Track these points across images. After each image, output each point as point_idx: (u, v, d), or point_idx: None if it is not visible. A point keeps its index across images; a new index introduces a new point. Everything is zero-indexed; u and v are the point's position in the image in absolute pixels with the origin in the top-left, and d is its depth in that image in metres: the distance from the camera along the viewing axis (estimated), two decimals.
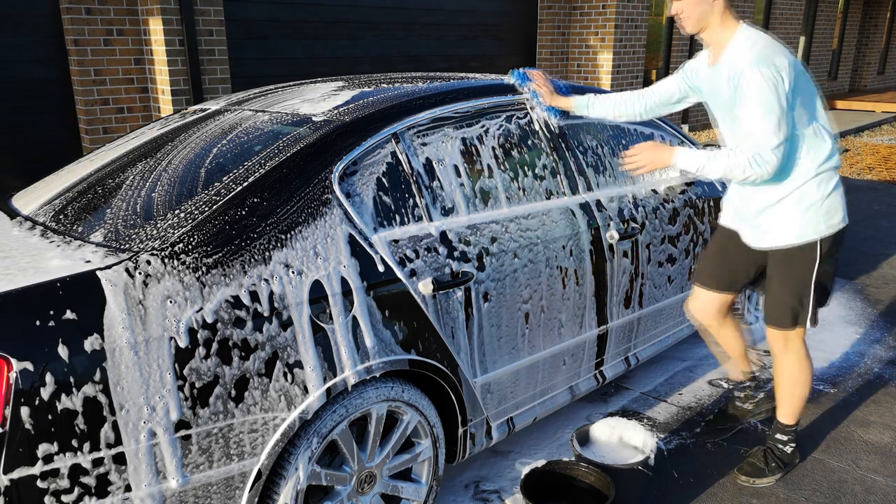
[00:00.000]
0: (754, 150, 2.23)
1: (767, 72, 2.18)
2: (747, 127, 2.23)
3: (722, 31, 2.37)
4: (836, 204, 2.42)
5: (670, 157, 2.40)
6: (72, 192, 2.32)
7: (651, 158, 2.45)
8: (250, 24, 6.22)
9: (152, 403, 1.69)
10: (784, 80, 2.20)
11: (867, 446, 2.92)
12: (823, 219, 2.41)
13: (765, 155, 2.22)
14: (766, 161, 2.22)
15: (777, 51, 2.25)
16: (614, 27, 8.75)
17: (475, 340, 2.38)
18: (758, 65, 2.19)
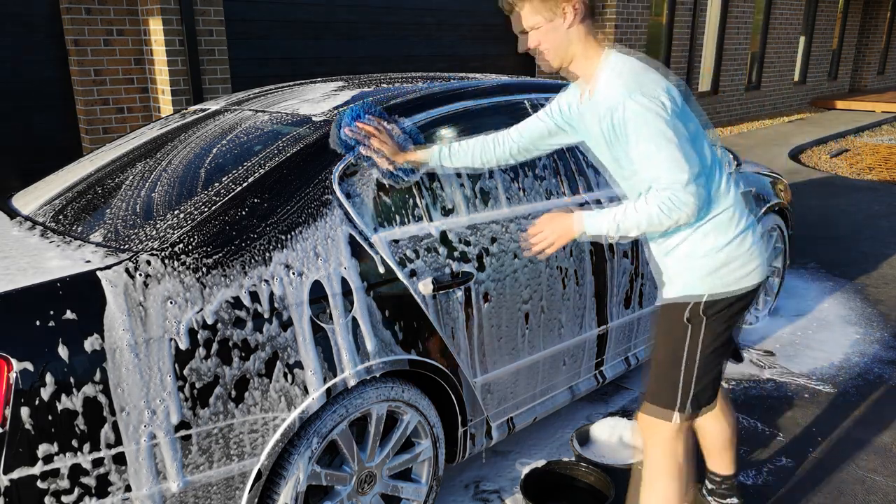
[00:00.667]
0: (664, 195, 1.77)
1: (643, 100, 1.78)
2: (646, 169, 1.79)
3: (587, 61, 1.93)
4: (736, 256, 1.92)
5: (573, 227, 1.91)
6: (72, 193, 2.32)
7: (554, 233, 1.95)
8: (250, 24, 6.22)
9: (152, 404, 1.69)
10: (666, 106, 1.79)
11: (867, 446, 2.92)
12: (714, 274, 1.93)
13: (679, 196, 1.76)
14: (682, 202, 1.76)
15: (646, 76, 1.84)
16: (614, 27, 8.75)
17: (475, 340, 2.38)
18: (630, 95, 1.78)
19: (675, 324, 1.99)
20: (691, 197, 1.77)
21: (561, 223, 1.94)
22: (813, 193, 7.44)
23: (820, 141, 10.94)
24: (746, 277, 1.95)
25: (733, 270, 1.93)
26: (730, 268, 1.93)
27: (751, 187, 3.76)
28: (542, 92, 2.86)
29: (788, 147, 10.02)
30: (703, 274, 1.94)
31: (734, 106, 12.61)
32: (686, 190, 1.76)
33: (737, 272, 1.94)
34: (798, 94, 14.82)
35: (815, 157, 9.74)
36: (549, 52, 1.91)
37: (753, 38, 12.76)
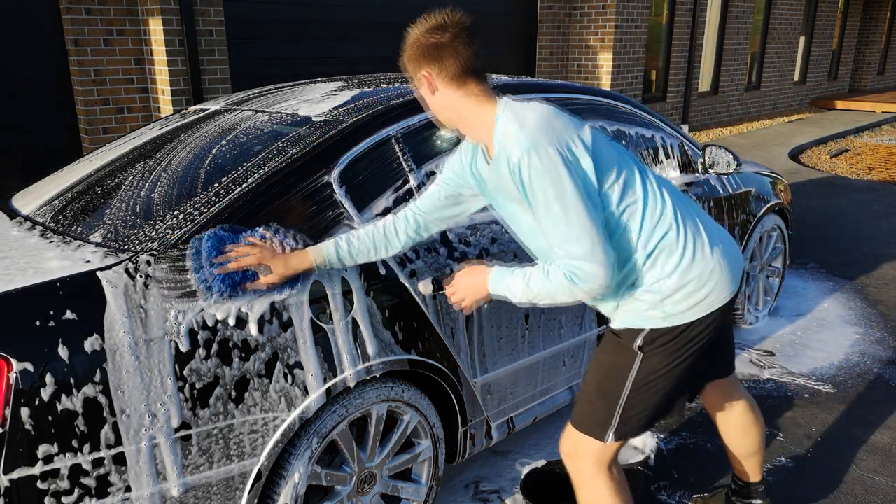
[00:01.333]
0: (568, 266, 1.60)
1: (548, 154, 1.56)
2: (550, 234, 1.60)
3: (476, 121, 1.73)
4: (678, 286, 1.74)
5: (485, 285, 1.77)
6: (72, 193, 2.32)
7: (468, 290, 1.82)
8: (250, 24, 6.22)
9: (152, 404, 1.69)
10: (576, 158, 1.61)
11: (867, 446, 2.92)
12: (657, 306, 1.76)
13: (584, 268, 1.58)
14: (588, 275, 1.59)
15: (557, 121, 1.65)
16: (614, 27, 8.75)
17: (475, 341, 2.38)
18: (534, 149, 1.56)
19: (610, 350, 1.85)
20: (599, 267, 1.58)
21: (474, 280, 1.80)
22: (813, 193, 7.44)
23: (820, 141, 10.94)
24: (695, 308, 1.76)
25: (678, 301, 1.75)
26: (674, 300, 1.75)
27: (750, 187, 3.76)
28: (542, 92, 2.86)
29: (788, 147, 10.02)
30: (644, 307, 1.77)
31: (734, 106, 12.61)
32: (592, 260, 1.58)
33: (683, 303, 1.75)
34: (798, 95, 14.82)
35: (815, 157, 9.75)
36: (440, 120, 1.79)
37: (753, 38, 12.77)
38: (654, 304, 1.76)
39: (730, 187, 3.59)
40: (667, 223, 1.74)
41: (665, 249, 1.74)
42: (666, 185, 1.83)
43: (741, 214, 3.64)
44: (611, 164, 1.69)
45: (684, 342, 1.80)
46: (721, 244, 1.83)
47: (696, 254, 1.76)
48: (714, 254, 1.79)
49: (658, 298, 1.75)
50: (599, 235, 1.59)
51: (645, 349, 1.80)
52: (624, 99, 3.24)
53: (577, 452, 1.89)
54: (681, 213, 1.78)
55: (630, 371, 1.81)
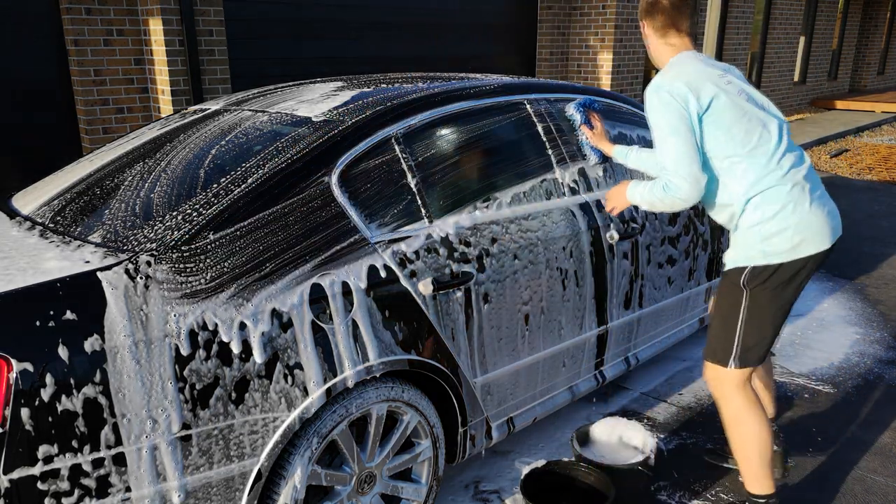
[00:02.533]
0: (665, 178, 2.11)
1: (660, 97, 2.09)
2: (658, 153, 2.13)
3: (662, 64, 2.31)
4: (779, 230, 2.11)
5: (625, 194, 2.33)
6: (71, 193, 2.32)
7: (615, 199, 2.42)
8: (250, 24, 6.21)
9: (152, 404, 1.69)
10: (683, 105, 2.07)
11: (867, 446, 2.92)
12: (758, 244, 2.14)
13: (674, 181, 2.07)
14: (676, 187, 2.07)
15: (680, 76, 2.11)
16: (614, 27, 8.75)
17: (475, 341, 2.38)
18: (656, 90, 2.11)
19: (725, 289, 2.26)
20: (685, 184, 2.06)
21: (618, 191, 2.40)
22: None
23: (820, 141, 10.94)
24: (795, 249, 2.12)
25: (779, 243, 2.12)
26: (773, 242, 2.12)
27: None
28: (542, 92, 2.86)
29: None
30: (749, 244, 2.15)
31: None
32: (683, 177, 2.06)
33: (783, 244, 2.11)
34: (798, 94, 14.82)
35: (814, 157, 9.74)
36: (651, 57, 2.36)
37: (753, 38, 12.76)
38: (753, 245, 2.14)
39: None
40: (777, 176, 2.11)
41: (771, 196, 2.11)
42: (790, 147, 2.17)
43: None
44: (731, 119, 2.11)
45: (783, 279, 2.16)
46: (824, 206, 2.16)
47: (797, 206, 2.10)
48: (813, 209, 2.13)
49: (759, 238, 2.13)
50: (689, 158, 2.05)
51: (750, 284, 2.18)
52: (624, 99, 3.24)
53: (716, 378, 2.31)
54: (792, 171, 2.13)
55: (742, 304, 2.21)
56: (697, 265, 3.37)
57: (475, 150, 2.52)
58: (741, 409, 2.28)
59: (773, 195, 2.11)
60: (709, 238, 3.41)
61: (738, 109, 2.13)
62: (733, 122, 2.11)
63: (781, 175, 2.12)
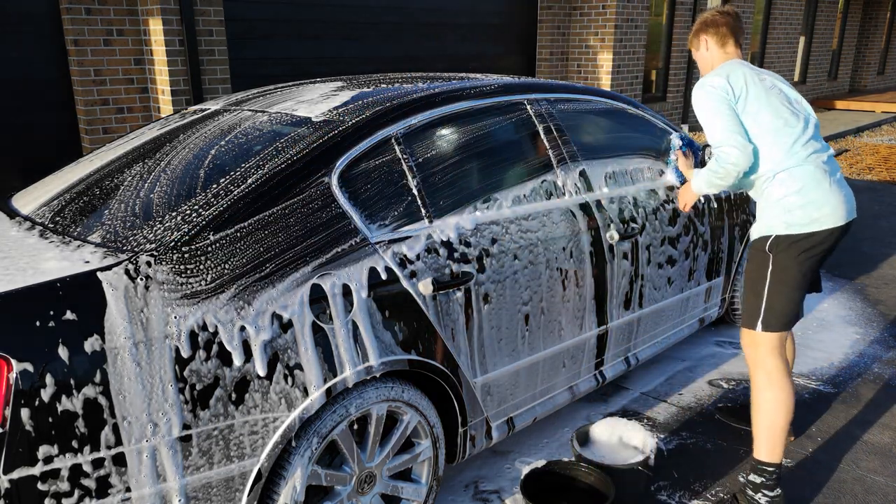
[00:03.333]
0: (715, 153, 2.43)
1: (704, 89, 2.48)
2: (709, 138, 2.45)
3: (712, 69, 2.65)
4: (800, 204, 2.38)
5: (691, 188, 2.74)
6: (71, 193, 2.32)
7: (684, 196, 2.83)
8: (250, 24, 6.22)
9: (152, 404, 1.69)
10: (723, 93, 2.45)
11: (867, 446, 2.92)
12: (781, 216, 2.41)
13: (723, 151, 2.39)
14: (726, 156, 2.39)
15: (722, 73, 2.51)
16: (614, 27, 8.75)
17: (475, 341, 2.38)
18: (700, 86, 2.50)
19: (753, 257, 2.51)
20: (734, 151, 2.36)
21: (684, 189, 2.82)
22: None
23: None
24: (814, 222, 2.38)
25: (800, 216, 2.38)
26: (795, 214, 2.38)
27: None
28: (542, 92, 2.86)
29: None
30: (774, 215, 2.43)
31: None
32: (729, 147, 2.37)
33: (803, 217, 2.38)
34: None
35: None
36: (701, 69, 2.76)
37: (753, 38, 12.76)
38: (777, 216, 2.42)
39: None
40: (800, 157, 2.41)
41: (795, 174, 2.40)
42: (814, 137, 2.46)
43: (741, 214, 3.64)
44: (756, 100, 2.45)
45: (803, 248, 2.41)
46: (841, 189, 2.43)
47: (818, 185, 2.39)
48: (832, 190, 2.40)
49: (784, 209, 2.41)
50: (736, 132, 2.38)
51: (773, 251, 2.44)
52: (624, 99, 3.24)
53: (750, 342, 2.52)
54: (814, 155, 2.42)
55: (767, 269, 2.46)
56: (697, 265, 3.37)
57: (475, 151, 2.52)
58: (771, 374, 2.45)
59: (797, 173, 2.40)
60: (709, 238, 3.41)
61: (765, 101, 2.46)
62: (759, 110, 2.44)
63: (804, 157, 2.41)
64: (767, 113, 2.45)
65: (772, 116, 2.44)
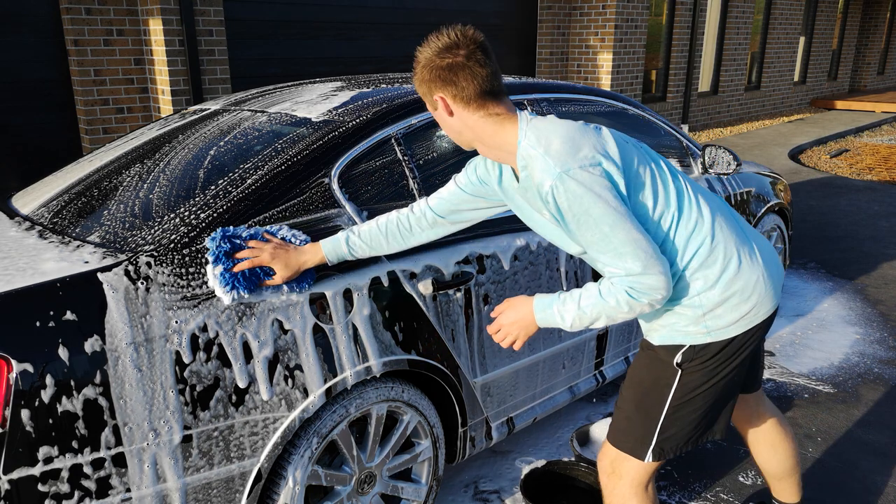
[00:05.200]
0: (627, 283, 1.56)
1: (583, 175, 1.52)
2: (601, 257, 1.57)
3: (501, 141, 1.65)
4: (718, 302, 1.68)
5: (532, 318, 1.71)
6: (71, 193, 2.32)
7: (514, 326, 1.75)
8: (250, 24, 6.22)
9: (152, 405, 1.69)
10: (609, 175, 1.55)
11: (867, 446, 2.92)
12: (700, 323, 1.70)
13: (644, 281, 1.54)
14: (650, 287, 1.54)
15: (581, 138, 1.58)
16: (614, 27, 8.75)
17: (475, 342, 2.38)
18: (566, 175, 1.51)
19: (647, 366, 1.79)
20: (656, 278, 1.54)
21: (518, 315, 1.72)
22: (813, 193, 7.44)
23: (820, 141, 10.94)
24: (738, 323, 1.70)
25: (721, 316, 1.69)
26: (716, 313, 1.69)
27: (750, 187, 3.76)
28: (542, 92, 2.86)
29: (788, 147, 10.02)
30: (686, 323, 1.70)
31: (734, 106, 12.61)
32: (649, 272, 1.53)
33: (726, 317, 1.69)
34: (798, 94, 14.82)
35: (814, 158, 9.75)
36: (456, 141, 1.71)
37: (753, 38, 12.76)
38: (696, 319, 1.69)
39: (729, 187, 3.59)
40: (704, 231, 1.66)
41: (706, 260, 1.66)
42: (701, 190, 1.74)
43: (741, 215, 3.64)
44: (640, 174, 1.62)
45: (725, 358, 1.73)
46: (763, 254, 1.75)
47: (740, 264, 1.68)
48: (756, 265, 1.71)
49: (700, 313, 1.68)
50: (650, 246, 1.54)
51: (684, 366, 1.73)
52: (624, 99, 3.24)
53: (615, 471, 1.84)
54: (720, 221, 1.69)
55: (669, 389, 1.75)
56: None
57: (475, 151, 2.52)
58: None
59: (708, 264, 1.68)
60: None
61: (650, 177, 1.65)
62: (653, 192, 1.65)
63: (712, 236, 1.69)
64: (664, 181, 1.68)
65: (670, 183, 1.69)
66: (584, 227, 1.54)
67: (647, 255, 1.53)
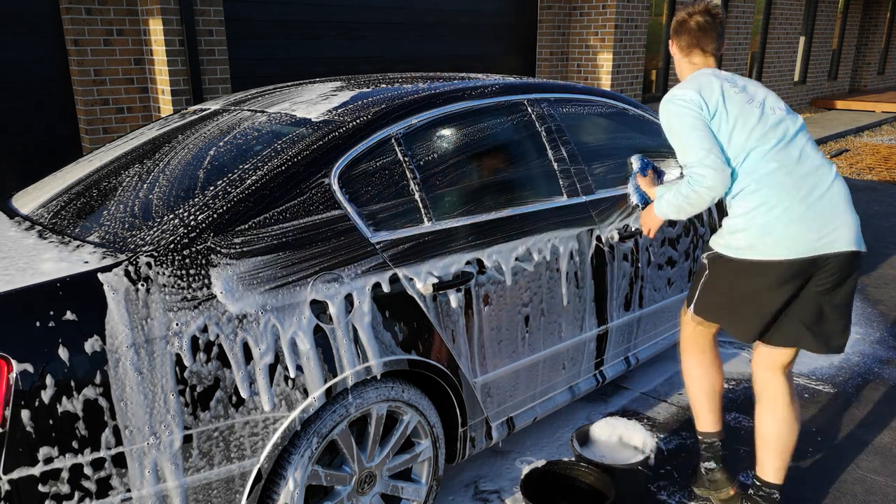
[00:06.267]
0: (688, 174, 2.19)
1: (677, 103, 2.24)
2: (681, 157, 2.24)
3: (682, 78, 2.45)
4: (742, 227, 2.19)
5: (654, 213, 2.46)
6: (71, 193, 2.32)
7: (647, 221, 2.59)
8: (250, 24, 6.21)
9: (153, 405, 1.69)
10: (696, 108, 2.21)
11: (867, 446, 2.92)
12: (725, 235, 2.26)
13: (697, 171, 2.14)
14: (701, 176, 2.14)
15: (693, 86, 2.26)
16: (614, 27, 8.74)
17: (475, 342, 2.38)
18: (668, 100, 2.27)
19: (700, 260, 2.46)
20: (708, 169, 2.13)
21: (648, 213, 2.57)
22: None
23: (820, 141, 10.93)
24: (748, 251, 2.20)
25: (738, 239, 2.22)
26: (734, 237, 2.23)
27: None
28: (542, 92, 2.86)
29: None
30: (720, 233, 2.31)
31: None
32: (703, 164, 2.14)
33: (740, 242, 2.21)
34: (798, 94, 14.82)
35: None
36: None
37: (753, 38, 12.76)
38: (723, 234, 2.29)
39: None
40: (757, 176, 2.18)
41: (746, 196, 2.19)
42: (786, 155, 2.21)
43: None
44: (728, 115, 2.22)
45: (736, 273, 2.26)
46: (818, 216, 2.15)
47: (770, 211, 2.15)
48: (782, 219, 2.14)
49: (727, 231, 2.26)
50: (710, 149, 2.15)
51: (710, 265, 2.36)
52: (624, 99, 3.24)
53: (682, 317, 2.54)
54: (779, 177, 2.18)
55: (703, 275, 2.41)
56: (697, 266, 3.36)
57: (475, 151, 2.52)
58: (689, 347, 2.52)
59: (752, 197, 2.18)
60: (708, 239, 3.40)
61: (740, 119, 2.22)
62: (733, 129, 2.21)
63: (768, 177, 2.17)
64: (741, 130, 2.21)
65: (745, 136, 2.21)
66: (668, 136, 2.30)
67: (700, 154, 2.15)
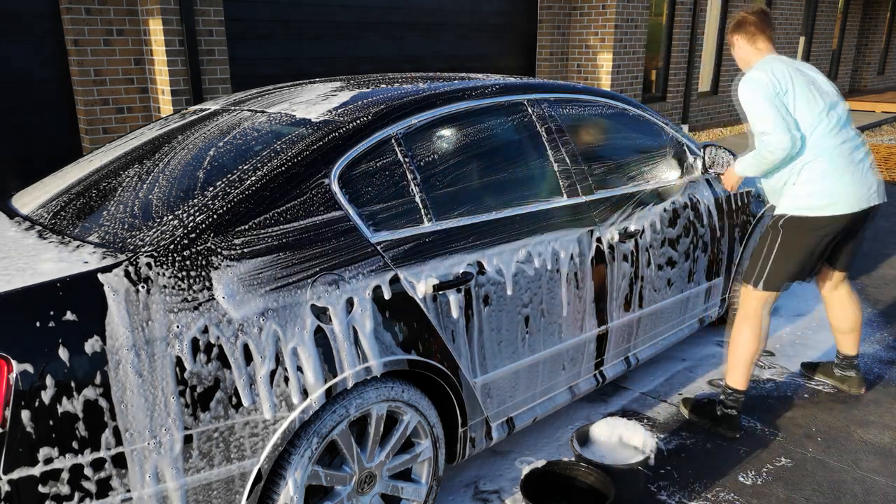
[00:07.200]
0: (765, 140, 2.73)
1: (754, 83, 2.76)
2: (757, 128, 2.75)
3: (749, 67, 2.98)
4: (817, 192, 2.77)
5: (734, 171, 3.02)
6: (71, 193, 2.32)
7: (728, 179, 3.13)
8: (250, 24, 6.21)
9: (153, 406, 1.69)
10: (771, 86, 2.74)
11: (867, 446, 2.92)
12: (797, 200, 2.82)
13: (768, 139, 2.70)
14: (772, 143, 2.70)
15: (765, 68, 2.80)
16: (614, 27, 8.74)
17: (475, 342, 2.38)
18: (746, 81, 2.79)
19: (767, 229, 2.95)
20: (779, 138, 2.68)
21: (729, 171, 3.09)
22: None
23: None
24: (826, 207, 2.78)
25: (812, 202, 2.79)
26: (809, 200, 2.79)
27: (750, 187, 3.76)
28: (542, 92, 2.86)
29: None
30: (791, 198, 2.83)
31: (734, 106, 12.60)
32: (773, 134, 2.69)
33: (816, 203, 2.79)
34: None
35: None
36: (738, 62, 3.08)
37: None
38: (793, 198, 2.83)
39: None
40: (818, 149, 2.77)
41: (819, 164, 2.77)
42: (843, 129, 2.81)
43: (741, 215, 3.64)
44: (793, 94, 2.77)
45: (809, 229, 2.83)
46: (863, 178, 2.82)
47: (839, 175, 2.77)
48: (853, 178, 2.79)
49: (796, 194, 2.82)
50: (783, 118, 2.69)
51: (782, 227, 2.88)
52: (624, 99, 3.24)
53: (745, 295, 2.98)
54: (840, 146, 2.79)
55: (776, 240, 2.90)
56: (697, 267, 3.36)
57: (475, 151, 2.52)
58: (750, 320, 2.95)
59: (820, 165, 2.76)
60: (709, 240, 3.41)
61: (805, 96, 2.77)
62: (798, 105, 2.76)
63: (831, 149, 2.76)
64: (805, 108, 2.76)
65: (808, 111, 2.76)
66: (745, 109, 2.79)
67: (783, 124, 2.69)
